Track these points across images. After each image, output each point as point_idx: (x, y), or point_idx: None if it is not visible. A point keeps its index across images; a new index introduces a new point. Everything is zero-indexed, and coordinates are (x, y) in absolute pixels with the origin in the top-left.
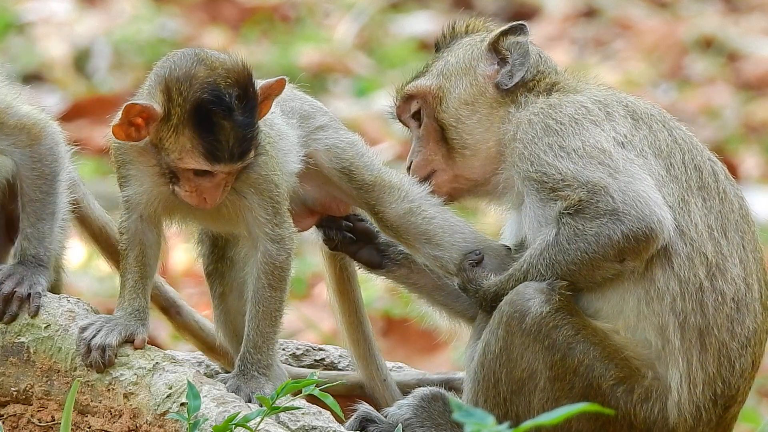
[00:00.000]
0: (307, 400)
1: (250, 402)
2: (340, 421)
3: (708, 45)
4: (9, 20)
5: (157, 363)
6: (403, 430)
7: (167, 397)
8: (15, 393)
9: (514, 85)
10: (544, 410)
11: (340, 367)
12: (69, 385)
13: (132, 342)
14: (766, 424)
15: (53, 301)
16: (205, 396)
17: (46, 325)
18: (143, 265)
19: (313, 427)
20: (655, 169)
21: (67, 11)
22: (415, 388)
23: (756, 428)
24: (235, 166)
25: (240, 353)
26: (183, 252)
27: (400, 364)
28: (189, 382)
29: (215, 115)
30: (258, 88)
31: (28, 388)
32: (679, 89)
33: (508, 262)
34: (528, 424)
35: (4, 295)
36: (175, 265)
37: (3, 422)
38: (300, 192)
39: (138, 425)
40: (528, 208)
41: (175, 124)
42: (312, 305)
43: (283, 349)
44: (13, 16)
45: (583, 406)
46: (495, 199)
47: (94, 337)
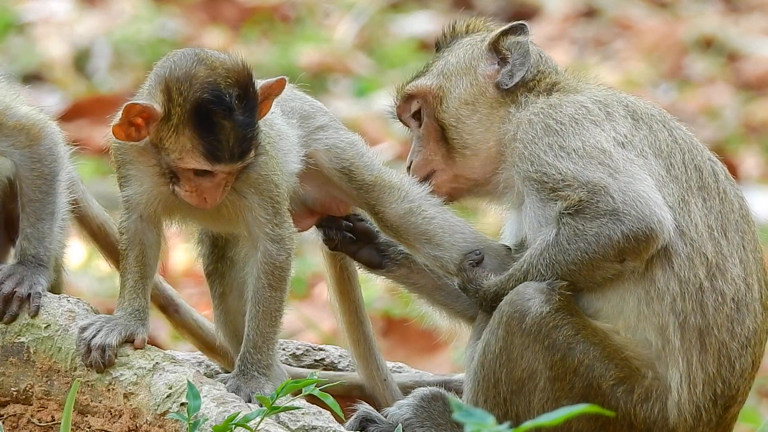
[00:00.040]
0: (307, 400)
1: (250, 402)
2: (340, 421)
3: (708, 45)
4: (9, 20)
5: (157, 363)
6: (403, 430)
7: (167, 397)
8: (15, 393)
9: (514, 85)
10: (544, 410)
11: (340, 367)
12: (69, 385)
13: (132, 342)
14: (766, 424)
15: (53, 301)
16: (205, 396)
17: (46, 325)
18: (143, 265)
19: (313, 427)
20: (656, 170)
21: (67, 11)
22: (413, 389)
23: (756, 428)
24: (236, 165)
25: (240, 353)
26: (183, 252)
27: (400, 364)
28: (189, 382)
29: (215, 115)
30: (258, 88)
31: (28, 388)
32: (679, 89)
33: (508, 262)
34: (528, 425)
35: (4, 295)
36: (175, 265)
37: (3, 422)
38: (300, 192)
39: (138, 425)
40: (528, 208)
41: (175, 124)
42: (312, 305)
43: (283, 349)
44: (13, 16)
45: (584, 407)
46: (495, 199)
47: (94, 337)
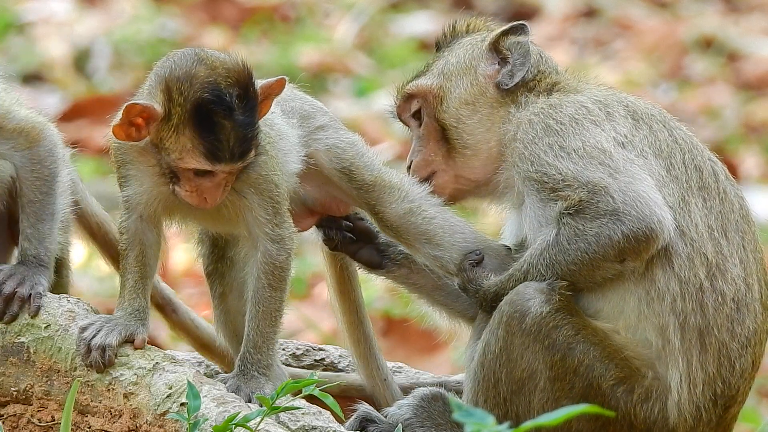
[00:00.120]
0: (307, 400)
1: (250, 402)
2: (340, 421)
3: (708, 45)
4: (9, 20)
5: (157, 363)
6: (403, 430)
7: (167, 397)
8: (15, 393)
9: (514, 85)
10: (544, 410)
11: (340, 367)
12: (69, 385)
13: (132, 342)
14: (766, 424)
15: (53, 301)
16: (205, 396)
17: (46, 325)
18: (143, 265)
19: (313, 427)
20: (656, 170)
21: (67, 11)
22: (411, 389)
23: (756, 428)
24: (236, 165)
25: (240, 353)
26: (183, 252)
27: (400, 364)
28: (189, 382)
29: (216, 115)
30: (258, 87)
31: (28, 388)
32: (679, 89)
33: (508, 262)
34: (528, 425)
35: (5, 296)
36: (175, 265)
37: (3, 422)
38: (300, 192)
39: (138, 425)
40: (528, 208)
41: (175, 124)
42: (312, 305)
43: (283, 349)
44: (13, 16)
45: (584, 407)
46: (495, 199)
47: (94, 337)
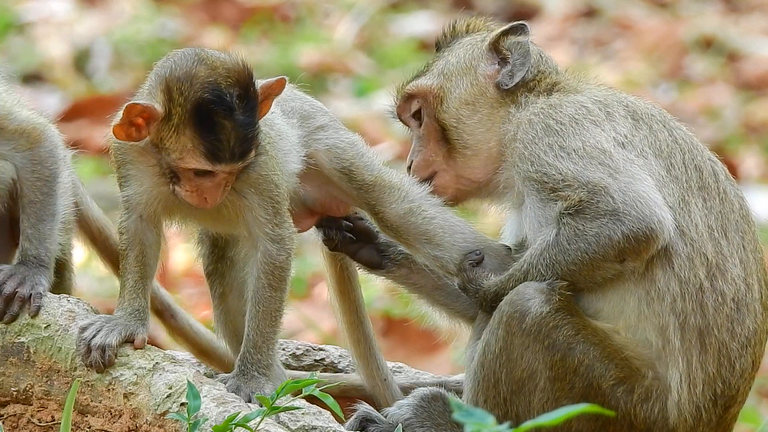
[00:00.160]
0: (307, 400)
1: (250, 402)
2: (340, 421)
3: (708, 45)
4: (9, 20)
5: (157, 363)
6: (403, 430)
7: (167, 397)
8: (15, 393)
9: (514, 85)
10: (544, 410)
11: (340, 367)
12: (69, 385)
13: (132, 342)
14: (766, 424)
15: (53, 301)
16: (205, 396)
17: (46, 325)
18: (143, 265)
19: (313, 427)
20: (656, 170)
21: (67, 11)
22: (410, 390)
23: (756, 428)
24: (236, 165)
25: (240, 353)
26: (183, 252)
27: (400, 364)
28: (189, 382)
29: (216, 115)
30: (258, 87)
31: (28, 388)
32: (679, 89)
33: (508, 262)
34: (528, 425)
35: (6, 296)
36: (175, 265)
37: (3, 422)
38: (300, 192)
39: (138, 425)
40: (528, 208)
41: (176, 124)
42: (312, 305)
43: (283, 349)
44: (13, 16)
45: (584, 407)
46: (495, 199)
47: (94, 337)
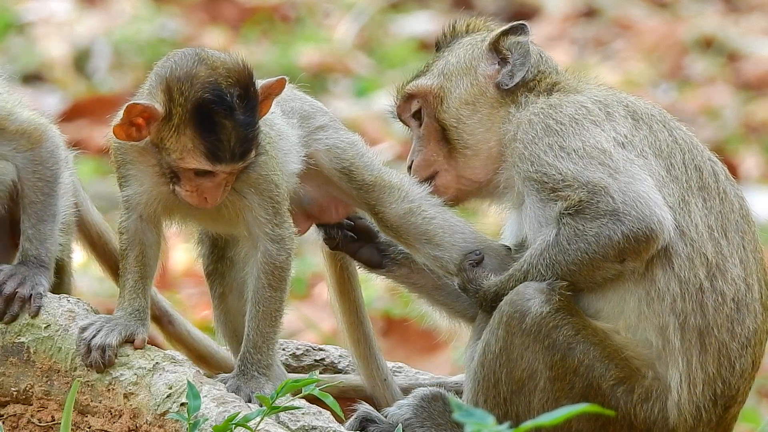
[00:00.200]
0: (307, 400)
1: (250, 402)
2: (340, 421)
3: (708, 45)
4: (9, 20)
5: (157, 363)
6: (403, 430)
7: (167, 397)
8: (15, 393)
9: (514, 85)
10: (544, 410)
11: (340, 367)
12: (69, 385)
13: (132, 342)
14: (766, 424)
15: (53, 301)
16: (205, 396)
17: (46, 325)
18: (143, 265)
19: (313, 427)
20: (656, 170)
21: (67, 11)
22: (410, 390)
23: (756, 428)
24: (237, 165)
25: (240, 353)
26: (183, 252)
27: (400, 364)
28: (189, 382)
29: (216, 115)
30: (258, 87)
31: (28, 388)
32: (679, 89)
33: (508, 262)
34: (528, 425)
35: (6, 296)
36: (175, 265)
37: (3, 422)
38: (300, 192)
39: (138, 425)
40: (528, 209)
41: (176, 124)
42: (312, 305)
43: (283, 349)
44: (13, 16)
45: (584, 407)
46: (495, 199)
47: (94, 337)
